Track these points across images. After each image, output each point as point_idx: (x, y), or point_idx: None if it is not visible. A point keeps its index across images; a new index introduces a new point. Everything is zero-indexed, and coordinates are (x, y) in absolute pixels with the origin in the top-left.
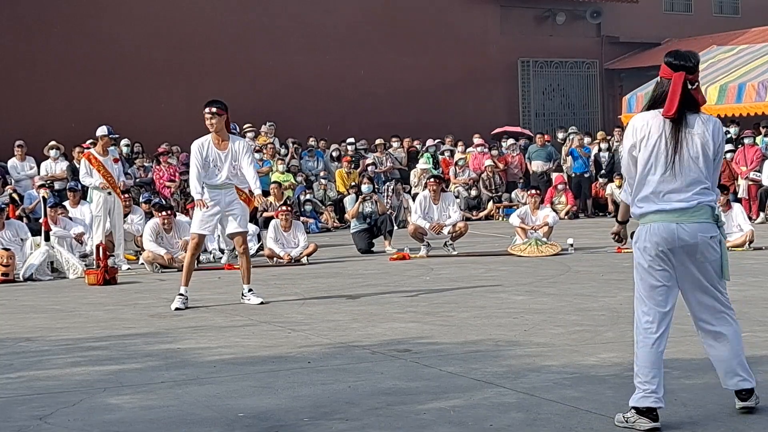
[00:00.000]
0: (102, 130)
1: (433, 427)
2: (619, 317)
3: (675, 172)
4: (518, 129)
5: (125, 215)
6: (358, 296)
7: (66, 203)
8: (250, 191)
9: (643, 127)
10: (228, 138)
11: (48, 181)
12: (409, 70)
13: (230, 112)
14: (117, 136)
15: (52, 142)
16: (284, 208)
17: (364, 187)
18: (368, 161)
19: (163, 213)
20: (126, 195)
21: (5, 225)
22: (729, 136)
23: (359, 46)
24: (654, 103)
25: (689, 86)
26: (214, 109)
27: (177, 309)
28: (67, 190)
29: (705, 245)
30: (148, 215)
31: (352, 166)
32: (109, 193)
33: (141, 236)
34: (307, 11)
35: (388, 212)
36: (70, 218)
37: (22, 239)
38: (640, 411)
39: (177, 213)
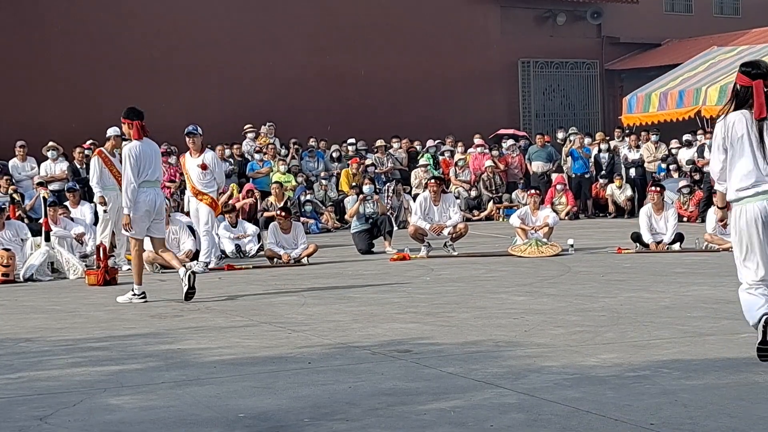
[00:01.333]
0: (114, 130)
1: (433, 427)
2: (619, 318)
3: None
4: (512, 131)
5: None
6: (359, 297)
7: (66, 203)
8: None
9: (734, 124)
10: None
11: (46, 181)
12: (409, 71)
13: (231, 112)
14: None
15: (51, 143)
16: (282, 213)
17: (366, 188)
18: (368, 162)
19: None
20: None
21: (5, 225)
22: None
23: (359, 47)
24: (738, 106)
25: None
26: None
27: (131, 301)
28: (66, 190)
29: None
30: None
31: (359, 168)
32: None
33: None
34: (308, 11)
35: (388, 212)
36: (72, 219)
37: (22, 239)
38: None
39: (174, 210)
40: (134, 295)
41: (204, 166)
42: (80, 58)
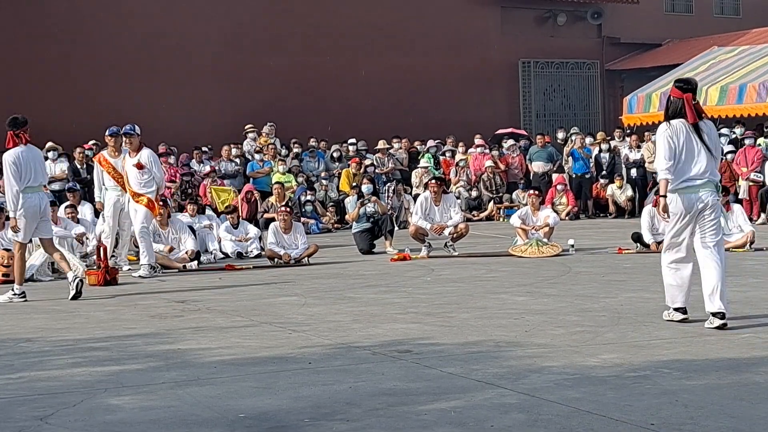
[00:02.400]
0: (110, 131)
1: (433, 427)
2: (620, 318)
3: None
4: (510, 130)
5: None
6: (359, 297)
7: (72, 204)
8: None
9: (676, 131)
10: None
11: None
12: (409, 71)
13: (231, 112)
14: (117, 131)
15: (50, 143)
16: (284, 209)
17: (365, 188)
18: (367, 162)
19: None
20: None
21: (5, 225)
22: (734, 136)
23: (360, 47)
24: (674, 114)
25: (694, 101)
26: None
27: (11, 301)
28: (66, 190)
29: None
30: None
31: (360, 168)
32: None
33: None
34: (308, 12)
35: (388, 212)
36: (78, 219)
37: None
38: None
39: (173, 211)
40: (14, 294)
41: (140, 166)
42: (80, 58)
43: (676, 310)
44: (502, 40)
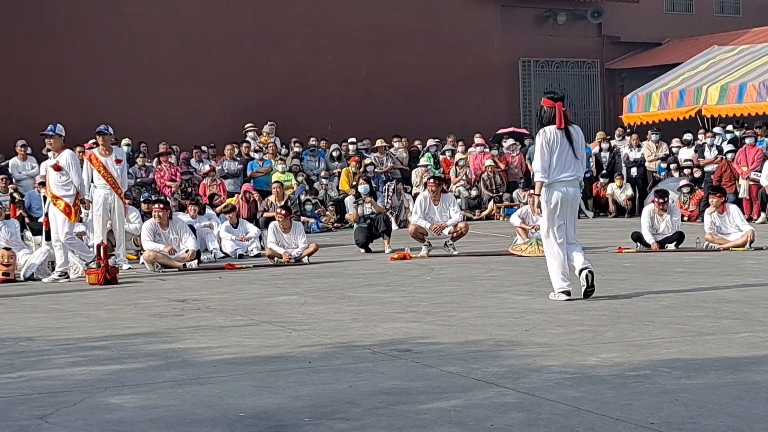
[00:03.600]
0: (102, 128)
1: (433, 427)
2: (619, 317)
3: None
4: (511, 129)
5: None
6: (359, 296)
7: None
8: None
9: (552, 137)
10: None
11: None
12: (410, 70)
13: (231, 111)
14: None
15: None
16: (283, 211)
17: (361, 188)
18: (367, 161)
19: (157, 205)
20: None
21: (4, 224)
22: (732, 136)
23: (360, 46)
24: (547, 122)
25: (563, 109)
26: None
27: None
28: None
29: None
30: (148, 215)
31: (359, 167)
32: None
33: (139, 236)
34: (308, 11)
35: (385, 212)
36: (80, 219)
37: (19, 241)
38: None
39: (175, 210)
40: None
41: (57, 167)
42: (81, 57)
43: (562, 292)
44: (502, 39)
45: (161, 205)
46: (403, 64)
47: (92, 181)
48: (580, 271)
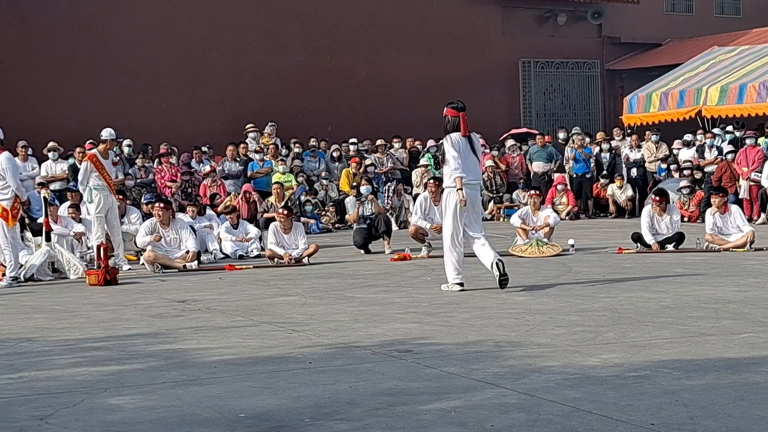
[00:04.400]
0: (109, 134)
1: (434, 427)
2: (620, 318)
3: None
4: (525, 130)
5: (121, 216)
6: (360, 297)
7: (66, 204)
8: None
9: (457, 142)
10: None
11: (47, 181)
12: (410, 71)
13: (231, 112)
14: (121, 139)
15: (51, 143)
16: (284, 211)
17: (363, 189)
18: (367, 162)
19: (158, 204)
20: (119, 196)
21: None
22: (732, 136)
23: (360, 47)
24: (452, 129)
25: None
26: None
27: None
28: (67, 190)
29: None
30: (149, 216)
31: (360, 168)
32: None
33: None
34: (308, 12)
35: (385, 213)
36: (80, 219)
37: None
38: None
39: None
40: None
41: None
42: (81, 57)
43: (456, 283)
44: (503, 39)
45: (162, 204)
46: (403, 64)
47: (88, 182)
48: (492, 263)
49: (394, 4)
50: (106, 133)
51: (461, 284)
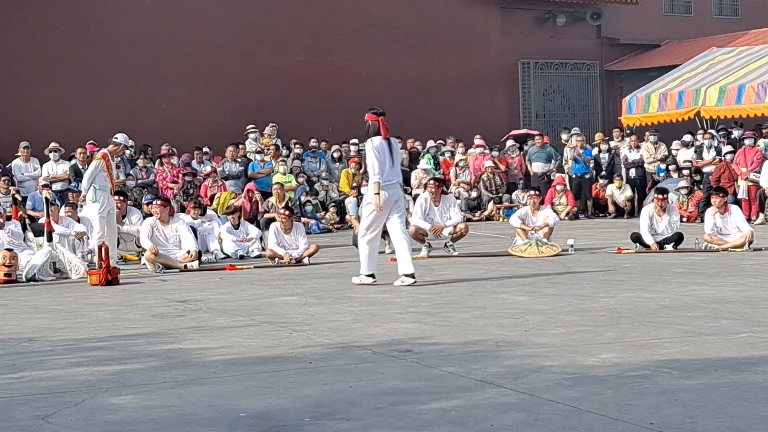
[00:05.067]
0: (125, 139)
1: (434, 427)
2: (619, 317)
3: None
4: (525, 131)
5: (122, 216)
6: (360, 297)
7: (65, 204)
8: None
9: (379, 146)
10: None
11: (49, 182)
12: (409, 72)
13: (232, 113)
14: (133, 146)
15: (53, 144)
16: (284, 212)
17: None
18: None
19: (156, 201)
20: (120, 197)
21: (5, 225)
22: (724, 132)
23: (360, 48)
24: (374, 134)
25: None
26: None
27: None
28: (68, 191)
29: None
30: (149, 217)
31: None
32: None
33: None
34: (309, 13)
35: None
36: (78, 219)
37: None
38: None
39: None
40: None
41: None
42: (83, 58)
43: (367, 276)
44: (502, 40)
45: (160, 201)
46: (403, 65)
47: (94, 182)
48: (405, 275)
49: (394, 4)
50: (122, 137)
51: (373, 276)
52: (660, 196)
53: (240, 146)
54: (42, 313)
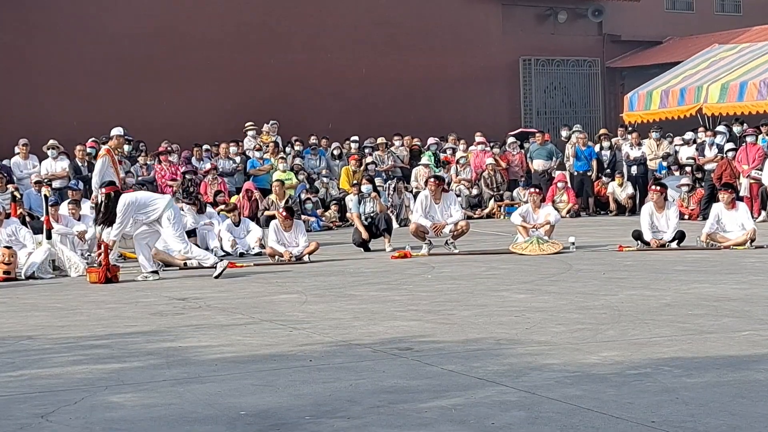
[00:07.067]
0: (118, 131)
1: (434, 425)
2: (620, 315)
3: None
4: (529, 130)
5: None
6: (360, 294)
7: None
8: None
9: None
10: None
11: (46, 180)
12: (410, 69)
13: (232, 110)
14: (132, 138)
15: (51, 141)
16: (284, 212)
17: (364, 188)
18: (368, 160)
19: None
20: None
21: (4, 223)
22: (725, 127)
23: (361, 45)
24: None
25: None
26: None
27: None
28: (68, 188)
29: None
30: None
31: (359, 165)
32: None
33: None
34: (309, 10)
35: (387, 211)
36: (79, 217)
37: (20, 240)
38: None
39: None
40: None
41: None
42: (82, 56)
43: (150, 272)
44: (503, 37)
45: None
46: (403, 62)
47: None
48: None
49: (395, 2)
50: (116, 130)
51: (156, 272)
52: (657, 188)
53: (232, 143)
54: (41, 311)
